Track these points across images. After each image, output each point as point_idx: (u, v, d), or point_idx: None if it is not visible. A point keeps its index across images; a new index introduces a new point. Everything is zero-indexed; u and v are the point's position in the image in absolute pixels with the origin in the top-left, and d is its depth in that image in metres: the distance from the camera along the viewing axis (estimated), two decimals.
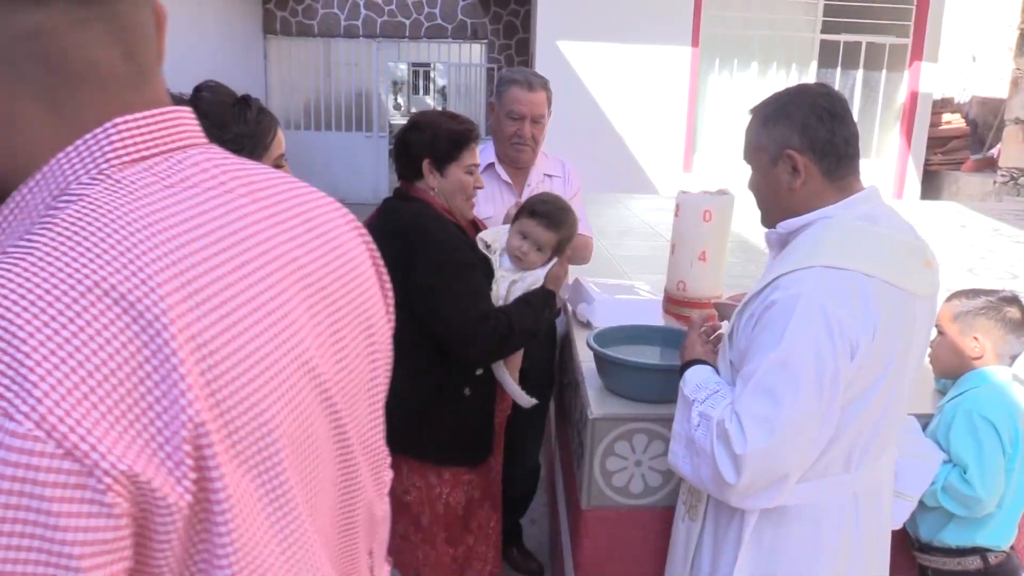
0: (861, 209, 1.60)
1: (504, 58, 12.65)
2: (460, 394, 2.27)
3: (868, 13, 9.20)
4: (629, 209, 5.77)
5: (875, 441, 1.62)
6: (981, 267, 4.17)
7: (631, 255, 4.11)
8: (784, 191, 1.64)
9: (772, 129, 1.63)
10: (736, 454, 1.49)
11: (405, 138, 2.30)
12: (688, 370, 1.74)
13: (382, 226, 2.23)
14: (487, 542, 2.40)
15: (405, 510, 2.28)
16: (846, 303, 1.48)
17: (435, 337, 2.18)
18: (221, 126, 1.71)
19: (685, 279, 2.65)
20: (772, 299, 1.53)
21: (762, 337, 1.53)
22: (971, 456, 1.96)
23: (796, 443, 1.50)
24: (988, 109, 10.65)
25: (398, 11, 12.68)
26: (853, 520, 1.64)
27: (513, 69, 3.00)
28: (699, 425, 1.59)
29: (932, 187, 9.82)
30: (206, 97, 1.75)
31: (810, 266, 1.51)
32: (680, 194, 2.70)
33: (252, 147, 1.74)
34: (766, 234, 1.73)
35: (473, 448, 2.33)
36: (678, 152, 9.23)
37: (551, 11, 8.86)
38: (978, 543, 2.01)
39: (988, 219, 5.80)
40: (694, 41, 8.99)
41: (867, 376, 1.53)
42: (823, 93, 1.63)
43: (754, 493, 1.54)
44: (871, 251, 1.54)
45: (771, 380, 1.49)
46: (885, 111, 9.58)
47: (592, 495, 2.13)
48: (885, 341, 1.51)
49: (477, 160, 2.32)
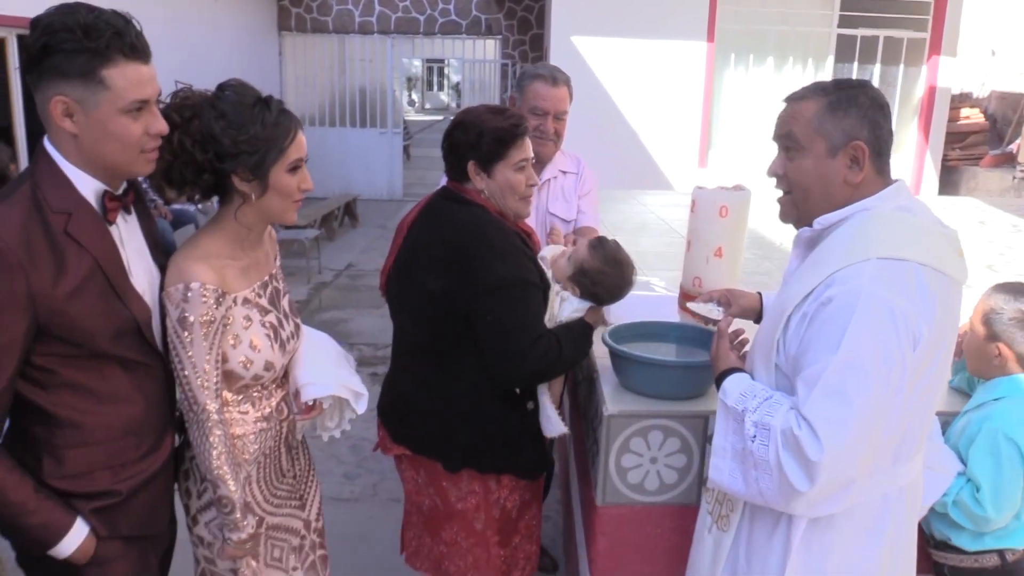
0: (896, 201, 1.58)
1: (518, 54, 12.64)
2: (523, 408, 2.22)
3: (886, 7, 9.12)
4: (644, 205, 5.75)
5: (920, 432, 1.59)
6: (1000, 263, 4.13)
7: (646, 251, 4.09)
8: (838, 183, 1.58)
9: (841, 118, 1.56)
10: (811, 460, 1.43)
11: (452, 138, 2.21)
12: (726, 380, 1.67)
13: (434, 230, 2.16)
14: (531, 539, 2.39)
15: (456, 517, 2.23)
16: (907, 294, 1.45)
17: (482, 347, 2.09)
18: (238, 127, 1.71)
19: (701, 275, 2.64)
20: (828, 295, 1.48)
21: (823, 336, 1.47)
22: (987, 477, 1.93)
23: (868, 443, 1.46)
24: (1007, 104, 10.54)
25: (412, 7, 12.69)
26: (899, 514, 1.61)
27: (536, 64, 2.98)
28: (756, 436, 1.53)
29: (950, 183, 9.74)
30: (228, 96, 1.75)
31: (865, 259, 1.47)
32: (696, 190, 2.69)
33: (267, 150, 1.74)
34: (798, 232, 1.67)
35: (536, 462, 2.29)
36: (693, 148, 9.19)
37: (565, 7, 8.84)
38: (996, 546, 1.99)
39: (1007, 215, 5.74)
40: (709, 36, 8.94)
41: (925, 364, 1.49)
42: (878, 89, 1.61)
43: (823, 500, 1.49)
44: (919, 240, 1.51)
45: (839, 381, 1.43)
46: (903, 106, 9.50)
47: (607, 492, 2.12)
48: (939, 329, 1.49)
49: (529, 154, 2.20)
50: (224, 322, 1.76)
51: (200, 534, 1.91)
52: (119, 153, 1.55)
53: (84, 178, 1.56)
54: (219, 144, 1.71)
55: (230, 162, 1.72)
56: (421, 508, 2.30)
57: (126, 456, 1.66)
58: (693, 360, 2.12)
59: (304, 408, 1.98)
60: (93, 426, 1.61)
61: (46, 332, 1.51)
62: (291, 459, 2.05)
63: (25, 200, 1.50)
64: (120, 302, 1.59)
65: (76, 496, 1.61)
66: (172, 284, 1.71)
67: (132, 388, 1.66)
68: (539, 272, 2.19)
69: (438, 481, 2.21)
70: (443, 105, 36.80)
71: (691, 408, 2.10)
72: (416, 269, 2.16)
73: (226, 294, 1.76)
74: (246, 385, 1.86)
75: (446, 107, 35.97)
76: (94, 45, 1.45)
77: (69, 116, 1.49)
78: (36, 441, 1.59)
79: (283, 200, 1.81)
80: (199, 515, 1.90)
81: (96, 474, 1.62)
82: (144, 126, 1.55)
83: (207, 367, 1.72)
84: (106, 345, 1.58)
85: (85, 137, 1.52)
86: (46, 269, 1.47)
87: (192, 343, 1.70)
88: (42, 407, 1.57)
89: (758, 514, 1.66)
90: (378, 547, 3.46)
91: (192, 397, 1.73)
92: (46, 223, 1.49)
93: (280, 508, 2.00)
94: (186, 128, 1.71)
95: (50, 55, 1.45)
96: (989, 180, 9.24)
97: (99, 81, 1.47)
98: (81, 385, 1.58)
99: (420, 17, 12.72)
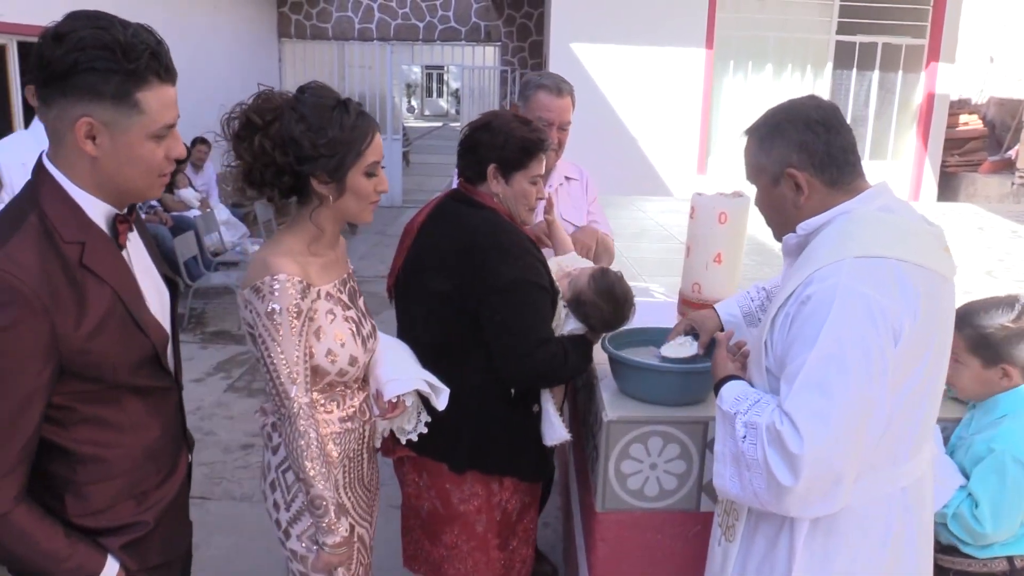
0: (877, 202, 1.60)
1: (518, 60, 12.66)
2: (529, 411, 2.23)
3: (884, 14, 9.14)
4: (643, 211, 5.76)
5: (920, 429, 1.59)
6: (1000, 269, 4.13)
7: (645, 257, 4.09)
8: (789, 208, 1.65)
9: (770, 150, 1.64)
10: (793, 453, 1.44)
11: (474, 137, 2.21)
12: (723, 387, 1.70)
13: (446, 231, 2.16)
14: (528, 543, 2.39)
15: (458, 519, 2.23)
16: (886, 289, 1.46)
17: (491, 347, 2.10)
18: (317, 130, 1.72)
19: (700, 281, 2.64)
20: (807, 294, 1.50)
21: (803, 332, 1.49)
22: (988, 496, 1.92)
23: (852, 436, 1.46)
24: (1006, 110, 10.56)
25: (412, 14, 12.72)
26: (904, 514, 1.61)
27: (540, 73, 2.96)
28: (746, 436, 1.55)
29: (949, 189, 9.75)
30: (308, 100, 1.76)
31: (840, 259, 1.49)
32: (695, 196, 2.69)
33: (345, 153, 1.75)
34: (785, 239, 1.70)
35: (539, 465, 2.30)
36: (692, 154, 9.20)
37: (565, 14, 8.86)
38: (1004, 553, 1.98)
39: (1006, 221, 5.75)
40: (708, 43, 8.96)
41: (911, 361, 1.50)
42: (814, 106, 1.63)
43: (813, 498, 1.49)
44: (897, 237, 1.53)
45: (819, 374, 1.45)
46: (901, 112, 9.52)
47: (607, 498, 2.12)
48: (925, 323, 1.49)
49: (543, 170, 2.25)
50: (309, 315, 1.76)
51: (293, 548, 1.88)
52: (140, 178, 1.48)
53: (93, 202, 1.47)
54: (299, 147, 1.72)
55: (309, 165, 1.73)
56: (420, 512, 2.29)
57: (147, 483, 1.61)
58: (692, 366, 2.12)
59: (387, 407, 1.97)
60: (114, 458, 1.55)
61: (66, 371, 1.43)
62: (371, 468, 2.04)
63: (35, 233, 1.39)
64: (140, 331, 1.52)
65: (103, 532, 1.55)
66: (258, 279, 1.72)
67: (149, 415, 1.60)
68: (549, 277, 2.20)
69: (441, 483, 2.21)
70: (442, 112, 36.89)
71: (691, 414, 2.10)
72: (426, 269, 2.17)
73: (311, 286, 1.77)
74: (331, 383, 1.86)
75: (445, 113, 36.06)
76: (132, 67, 1.37)
77: (92, 138, 1.40)
78: (57, 480, 1.52)
79: (359, 202, 1.83)
80: (291, 527, 1.87)
81: (120, 506, 1.57)
82: (166, 150, 1.48)
83: (296, 357, 1.72)
84: (126, 376, 1.52)
85: (107, 161, 1.43)
86: (69, 309, 1.39)
87: (281, 334, 1.70)
88: (61, 445, 1.49)
89: (761, 523, 1.67)
90: (374, 552, 3.44)
91: (283, 391, 1.72)
92: (62, 257, 1.40)
93: (362, 519, 2.00)
94: (266, 131, 1.71)
95: (80, 73, 1.35)
96: (988, 186, 9.25)
97: (133, 104, 1.39)
98: (100, 419, 1.52)
99: (419, 24, 12.75)
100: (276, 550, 2.00)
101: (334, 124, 1.74)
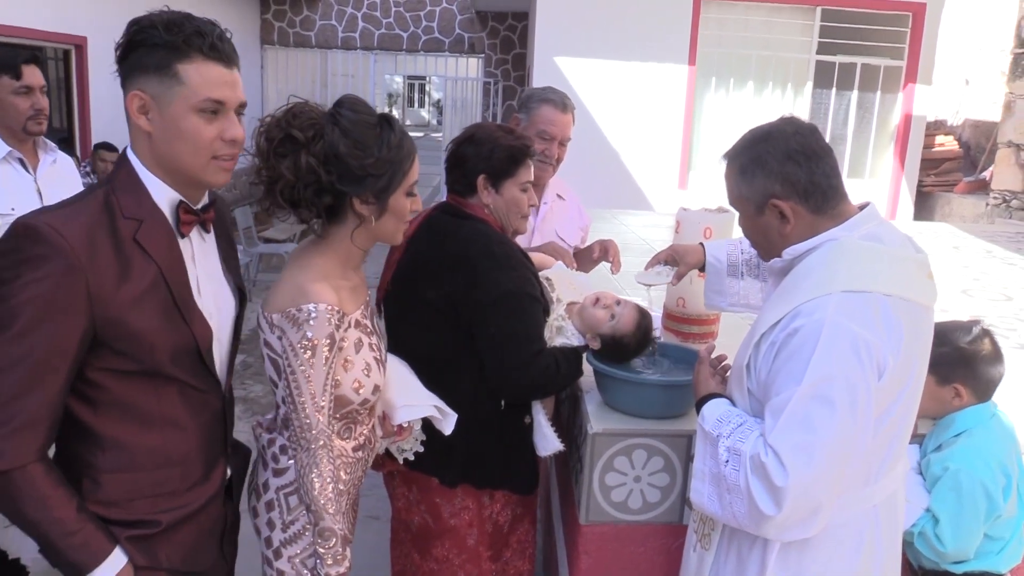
0: (864, 229, 1.60)
1: (501, 72, 12.71)
2: (520, 422, 2.22)
3: (864, 35, 9.29)
4: (625, 225, 5.79)
5: (893, 452, 1.62)
6: (975, 288, 4.19)
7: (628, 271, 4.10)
8: (774, 235, 1.65)
9: (751, 181, 1.63)
10: (777, 486, 1.45)
11: (460, 151, 2.21)
12: (705, 406, 1.70)
13: (437, 243, 2.15)
14: (523, 556, 2.38)
15: (448, 533, 2.21)
16: (871, 325, 1.47)
17: (483, 358, 2.09)
18: (364, 148, 1.66)
19: (685, 296, 2.66)
20: (794, 326, 1.51)
21: (788, 366, 1.50)
22: (947, 514, 1.96)
23: (835, 469, 1.48)
24: (981, 132, 10.74)
25: (396, 24, 12.73)
26: (875, 531, 1.63)
27: (543, 88, 2.94)
28: (728, 461, 1.56)
29: (925, 208, 9.89)
30: (348, 115, 1.69)
31: (828, 292, 1.50)
32: (681, 211, 2.71)
33: (393, 173, 1.70)
34: (770, 262, 1.71)
35: (531, 477, 2.30)
36: (674, 169, 9.27)
37: (549, 27, 8.92)
38: (983, 568, 2.01)
39: (981, 241, 5.84)
40: (691, 59, 9.05)
41: (892, 392, 1.53)
42: (793, 133, 1.61)
43: (792, 525, 1.51)
44: (884, 271, 1.54)
45: (804, 409, 1.46)
46: (879, 132, 9.65)
47: (590, 510, 2.12)
48: (907, 356, 1.52)
49: (531, 177, 2.25)
50: (340, 344, 1.70)
51: (281, 568, 1.80)
52: (190, 155, 1.49)
53: (161, 187, 1.52)
54: (345, 166, 1.65)
55: (355, 186, 1.67)
56: (410, 526, 2.28)
57: (170, 486, 1.57)
58: (676, 379, 2.13)
59: (395, 431, 1.94)
60: (139, 451, 1.52)
61: (103, 343, 1.44)
62: (359, 492, 1.97)
63: (97, 203, 1.46)
64: (182, 319, 1.52)
65: (112, 524, 1.52)
66: (293, 305, 1.64)
67: (186, 415, 1.58)
68: (541, 287, 2.21)
69: (431, 497, 2.20)
70: (424, 122, 36.88)
71: (674, 427, 2.11)
72: (418, 281, 2.16)
73: (344, 315, 1.71)
74: (350, 412, 1.79)
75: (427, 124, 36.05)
76: (172, 39, 1.43)
77: (144, 113, 1.47)
78: (78, 463, 1.50)
79: (397, 222, 1.78)
80: (283, 548, 1.80)
81: (136, 503, 1.53)
82: (219, 130, 1.49)
83: (325, 387, 1.66)
84: (164, 364, 1.51)
85: (158, 136, 1.48)
86: (108, 270, 1.42)
87: (313, 365, 1.63)
88: (88, 426, 1.49)
89: (737, 533, 1.68)
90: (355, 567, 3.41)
91: (306, 423, 1.65)
92: (115, 227, 1.45)
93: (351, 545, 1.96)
94: (310, 148, 1.64)
95: (134, 50, 1.45)
96: (963, 206, 9.38)
97: (173, 75, 1.44)
98: (133, 405, 1.51)
99: (403, 34, 12.77)
100: (253, 562, 1.96)
101: (381, 143, 1.68)
